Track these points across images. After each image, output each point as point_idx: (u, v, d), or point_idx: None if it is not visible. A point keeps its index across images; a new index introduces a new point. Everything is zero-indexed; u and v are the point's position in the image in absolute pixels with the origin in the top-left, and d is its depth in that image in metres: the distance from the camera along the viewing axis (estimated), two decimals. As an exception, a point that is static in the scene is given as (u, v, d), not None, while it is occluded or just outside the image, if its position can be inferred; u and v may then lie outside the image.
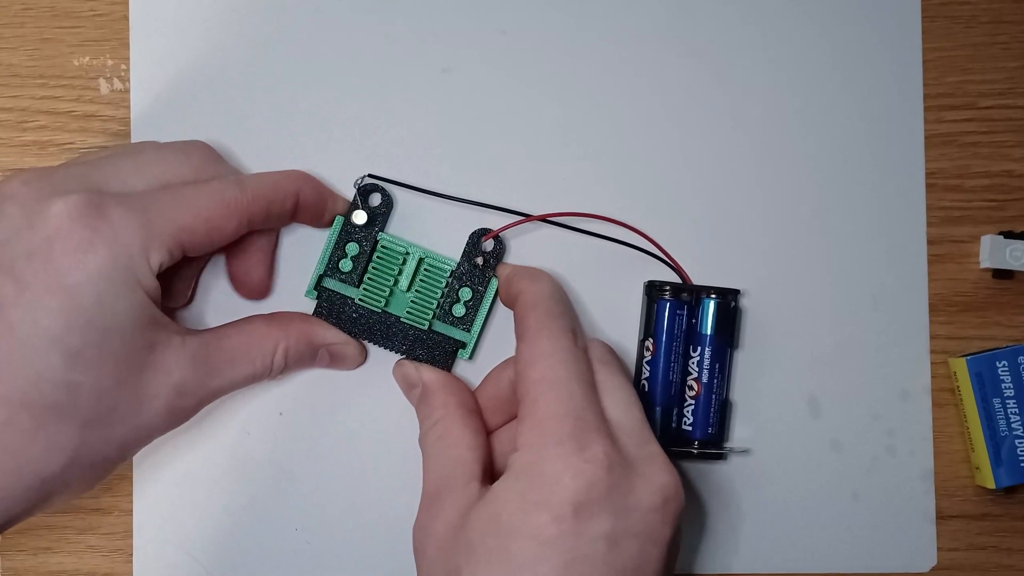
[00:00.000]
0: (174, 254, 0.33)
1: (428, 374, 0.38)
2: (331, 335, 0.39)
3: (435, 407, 0.37)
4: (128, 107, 0.41)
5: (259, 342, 0.36)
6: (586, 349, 0.36)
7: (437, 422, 0.37)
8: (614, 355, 0.37)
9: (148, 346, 0.32)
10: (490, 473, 0.36)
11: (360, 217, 0.40)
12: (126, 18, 0.41)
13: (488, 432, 0.38)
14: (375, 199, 0.40)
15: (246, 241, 0.38)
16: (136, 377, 0.32)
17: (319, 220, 0.39)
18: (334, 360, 0.39)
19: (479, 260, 0.40)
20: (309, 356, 0.38)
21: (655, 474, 0.32)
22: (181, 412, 0.34)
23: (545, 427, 0.32)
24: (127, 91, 0.41)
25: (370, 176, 0.40)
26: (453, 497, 0.34)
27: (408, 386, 0.39)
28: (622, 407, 0.34)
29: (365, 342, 0.40)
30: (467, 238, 0.40)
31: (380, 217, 0.40)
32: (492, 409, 0.38)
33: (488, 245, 0.40)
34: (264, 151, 0.41)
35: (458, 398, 0.38)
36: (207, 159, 0.36)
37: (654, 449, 0.33)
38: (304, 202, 0.37)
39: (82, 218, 0.30)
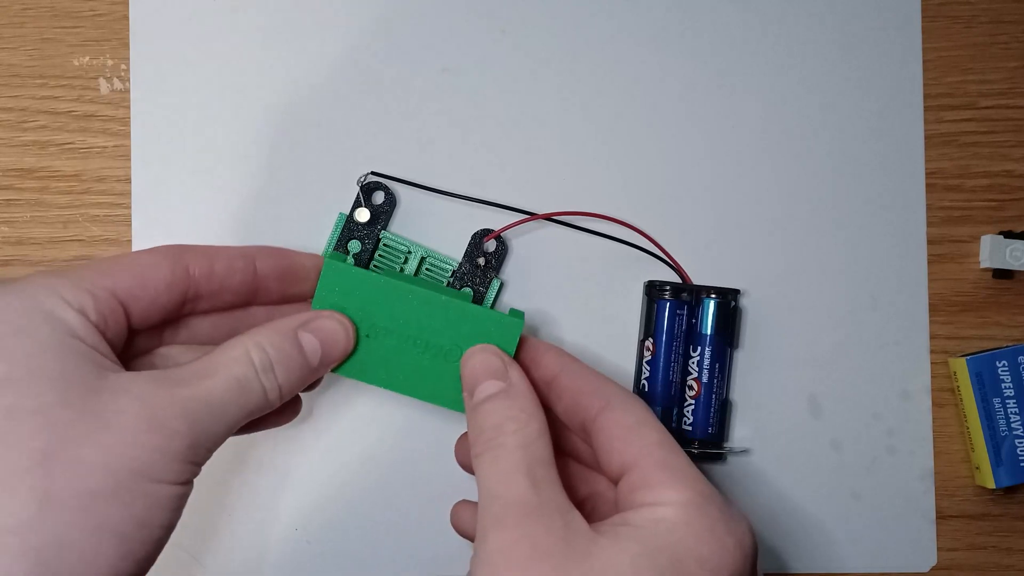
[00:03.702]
0: (99, 296, 0.30)
1: (517, 373, 0.35)
2: (301, 317, 0.35)
3: (521, 407, 0.33)
4: (128, 107, 0.41)
5: (224, 350, 0.32)
6: None
7: (523, 425, 0.33)
8: None
9: (93, 371, 0.29)
10: None
11: (363, 215, 0.40)
12: (126, 18, 0.41)
13: None
14: (378, 197, 0.40)
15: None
16: (86, 394, 0.28)
17: (293, 285, 0.36)
18: (324, 344, 0.34)
19: (480, 260, 0.40)
20: (291, 346, 0.33)
21: None
22: (163, 427, 0.29)
23: (700, 489, 0.31)
24: (127, 91, 0.41)
25: (373, 173, 0.40)
26: (550, 513, 0.30)
27: (488, 375, 0.35)
28: None
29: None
30: (469, 238, 0.40)
31: (383, 215, 0.40)
32: None
33: (490, 245, 0.40)
34: (264, 150, 0.41)
35: (541, 411, 0.34)
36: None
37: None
38: (265, 266, 0.35)
39: None
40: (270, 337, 0.33)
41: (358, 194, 0.40)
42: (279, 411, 0.35)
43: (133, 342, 0.33)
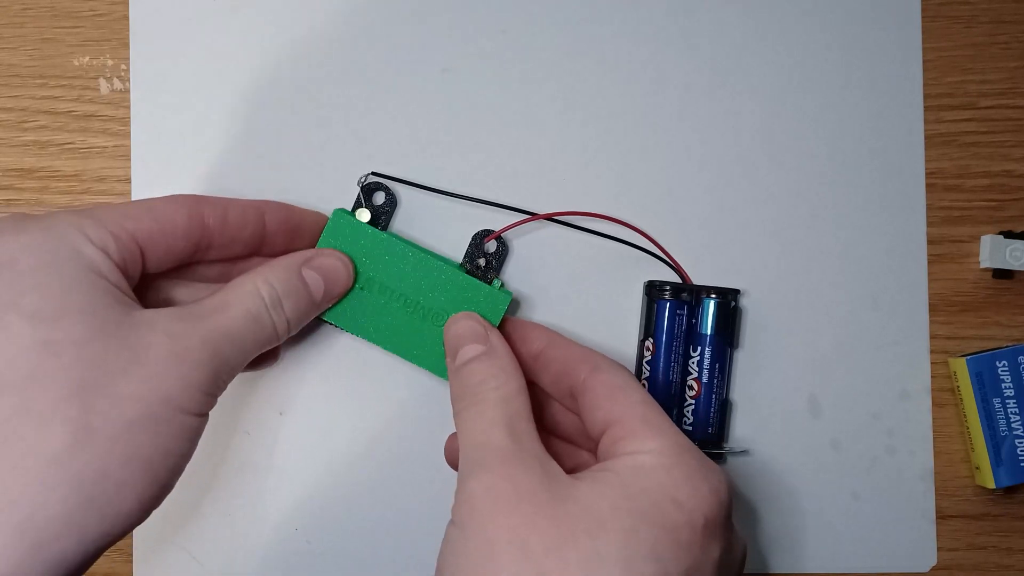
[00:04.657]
0: (120, 238, 0.32)
1: (497, 338, 0.37)
2: (305, 254, 0.37)
3: (502, 367, 0.35)
4: (128, 107, 0.41)
5: (236, 287, 0.34)
6: None
7: (503, 383, 0.34)
8: None
9: (119, 307, 0.31)
10: None
11: (364, 215, 0.40)
12: (126, 18, 0.41)
13: None
14: (379, 198, 0.40)
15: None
16: (117, 328, 0.30)
17: (296, 240, 0.38)
18: (326, 280, 0.37)
19: (481, 261, 0.40)
20: (297, 281, 0.36)
21: (741, 536, 0.34)
22: (189, 359, 0.31)
23: (678, 441, 0.32)
24: (127, 91, 0.41)
25: (374, 174, 0.40)
26: (529, 460, 0.32)
27: (471, 338, 0.36)
28: None
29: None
30: (469, 239, 0.40)
31: (384, 216, 0.40)
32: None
33: (490, 246, 0.40)
34: (265, 150, 0.41)
35: (520, 373, 0.36)
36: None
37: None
38: (273, 219, 0.37)
39: (9, 218, 0.31)
40: (277, 273, 0.35)
41: (359, 195, 0.40)
42: (261, 357, 0.37)
43: (142, 281, 0.34)
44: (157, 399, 0.30)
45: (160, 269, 0.34)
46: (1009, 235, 0.42)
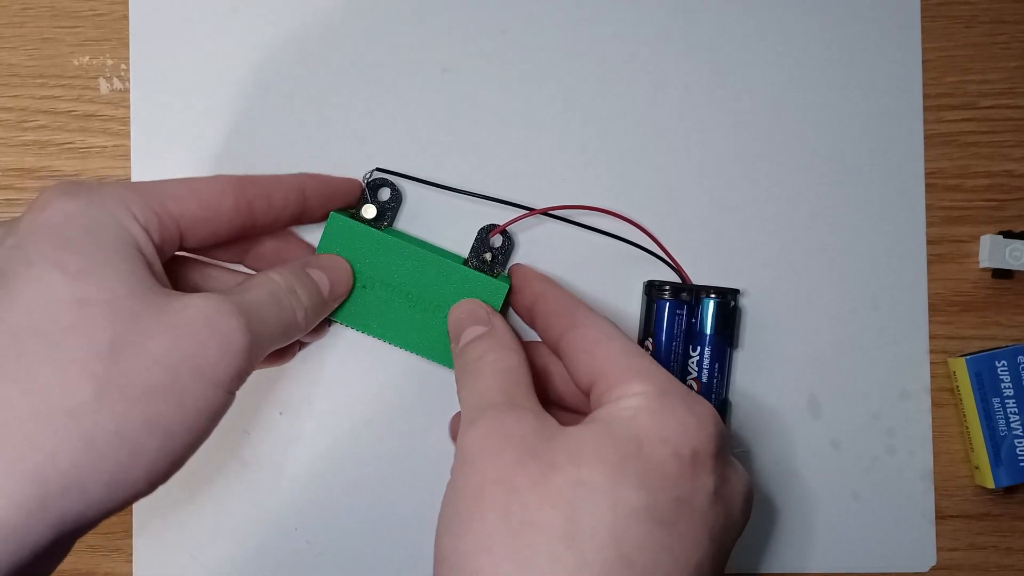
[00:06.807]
0: (163, 218, 0.32)
1: (499, 320, 0.37)
2: (304, 259, 0.38)
3: (501, 344, 0.36)
4: (128, 107, 0.41)
5: (251, 279, 0.35)
6: None
7: (502, 357, 0.35)
8: None
9: (153, 280, 0.31)
10: None
11: (369, 211, 0.40)
12: (126, 18, 0.41)
13: None
14: (384, 194, 0.40)
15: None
16: (153, 294, 0.30)
17: (333, 203, 0.39)
18: (331, 278, 0.38)
19: (487, 256, 0.40)
20: (307, 278, 0.36)
21: (743, 470, 0.34)
22: (224, 326, 0.31)
23: (662, 382, 0.33)
24: (127, 91, 0.41)
25: (378, 170, 0.40)
26: (523, 412, 0.32)
27: (473, 321, 0.37)
28: None
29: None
30: (474, 235, 0.40)
31: (389, 212, 0.40)
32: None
33: (496, 241, 0.40)
34: (265, 150, 0.41)
35: (522, 350, 0.37)
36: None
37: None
38: (313, 193, 0.38)
39: (62, 184, 0.32)
40: (286, 271, 0.36)
41: (363, 190, 0.40)
42: (279, 352, 0.38)
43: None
44: (186, 366, 0.30)
45: (197, 248, 0.35)
46: (1009, 235, 0.42)
